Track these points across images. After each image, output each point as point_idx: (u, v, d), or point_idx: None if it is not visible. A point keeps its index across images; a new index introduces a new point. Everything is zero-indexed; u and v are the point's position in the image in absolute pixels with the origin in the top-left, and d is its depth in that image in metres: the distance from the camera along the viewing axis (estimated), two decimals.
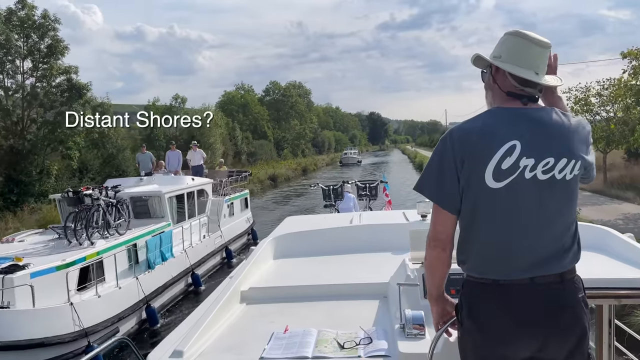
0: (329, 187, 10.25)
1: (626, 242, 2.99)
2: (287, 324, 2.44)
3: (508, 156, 1.63)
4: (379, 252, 3.61)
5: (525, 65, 1.71)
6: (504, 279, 1.66)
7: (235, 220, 16.77)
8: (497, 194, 1.65)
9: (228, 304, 2.68)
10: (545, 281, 1.65)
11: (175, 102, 38.14)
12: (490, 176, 1.63)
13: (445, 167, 1.70)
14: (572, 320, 1.66)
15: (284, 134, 65.07)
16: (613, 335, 2.81)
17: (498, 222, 1.67)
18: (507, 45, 1.75)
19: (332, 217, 6.11)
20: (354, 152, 71.09)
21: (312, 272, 3.37)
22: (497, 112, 1.73)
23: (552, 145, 1.66)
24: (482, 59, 1.81)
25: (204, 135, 37.05)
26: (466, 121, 1.76)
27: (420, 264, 2.52)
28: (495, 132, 1.66)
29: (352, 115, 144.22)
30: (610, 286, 2.33)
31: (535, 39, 1.73)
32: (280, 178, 39.81)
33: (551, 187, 1.66)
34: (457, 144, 1.68)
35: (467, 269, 1.75)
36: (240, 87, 65.47)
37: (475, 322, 1.69)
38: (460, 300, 1.77)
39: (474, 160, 1.66)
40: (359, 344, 2.21)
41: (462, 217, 1.73)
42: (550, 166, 1.65)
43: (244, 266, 3.23)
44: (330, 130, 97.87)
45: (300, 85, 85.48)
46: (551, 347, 1.64)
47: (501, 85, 1.75)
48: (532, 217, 1.66)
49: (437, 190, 1.73)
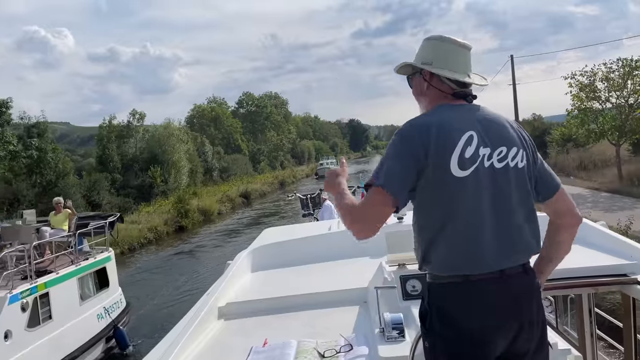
0: (306, 197, 9.94)
1: (600, 230, 3.01)
2: (266, 337, 2.38)
3: (469, 145, 1.63)
4: (357, 257, 3.55)
5: (458, 69, 1.76)
6: (476, 274, 1.61)
7: (61, 324, 8.42)
8: (463, 183, 1.61)
9: (205, 321, 2.61)
10: (513, 272, 1.64)
11: (133, 119, 34.61)
12: (456, 164, 1.60)
13: (404, 159, 1.63)
14: (537, 309, 1.67)
15: (260, 146, 61.78)
16: (594, 323, 2.90)
17: (465, 213, 1.61)
18: (436, 51, 1.78)
19: (310, 226, 5.93)
20: (330, 162, 62.41)
21: (291, 282, 3.30)
22: (448, 107, 1.73)
23: (502, 134, 1.70)
24: (409, 66, 1.86)
25: (166, 152, 33.68)
26: (419, 117, 1.74)
27: (397, 266, 2.52)
28: (453, 124, 1.65)
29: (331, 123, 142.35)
30: (587, 275, 2.38)
31: (461, 42, 1.79)
32: (254, 194, 36.42)
33: (507, 175, 1.67)
34: (417, 137, 1.63)
35: (434, 268, 1.67)
36: (212, 100, 62.56)
37: (450, 326, 1.61)
38: (427, 306, 1.67)
39: (437, 150, 1.61)
40: (339, 351, 2.18)
41: (426, 214, 1.66)
42: (503, 155, 1.67)
43: (220, 281, 3.14)
44: (310, 140, 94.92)
45: (276, 96, 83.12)
46: (522, 338, 1.63)
47: (441, 88, 1.77)
48: (496, 207, 1.64)
49: (394, 189, 1.61)
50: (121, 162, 32.10)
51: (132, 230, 19.60)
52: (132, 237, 18.76)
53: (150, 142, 34.18)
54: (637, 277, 2.40)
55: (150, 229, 20.54)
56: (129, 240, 18.48)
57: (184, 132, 37.65)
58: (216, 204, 28.13)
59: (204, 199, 28.15)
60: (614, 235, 2.95)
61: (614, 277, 2.43)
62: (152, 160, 33.15)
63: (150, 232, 20.40)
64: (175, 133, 35.04)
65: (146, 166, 32.15)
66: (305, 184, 46.48)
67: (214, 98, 64.08)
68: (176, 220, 22.76)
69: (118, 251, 17.51)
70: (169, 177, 32.59)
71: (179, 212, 23.15)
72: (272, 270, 3.61)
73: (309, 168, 66.74)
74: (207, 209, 26.15)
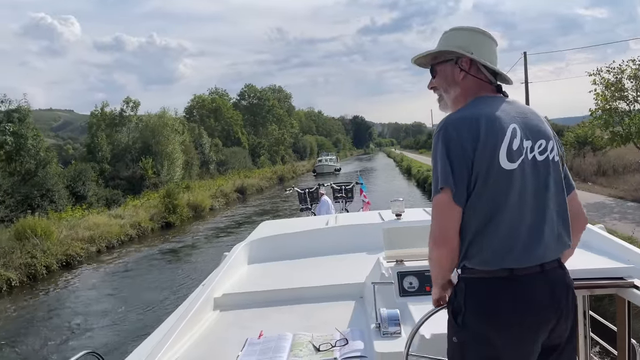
0: (304, 191, 9.77)
1: (597, 233, 3.02)
2: (262, 329, 2.40)
3: (515, 137, 1.62)
4: (354, 252, 3.56)
5: (492, 61, 1.77)
6: (521, 268, 1.59)
7: None
8: (511, 176, 1.60)
9: (201, 312, 2.61)
10: (550, 267, 1.64)
11: (127, 107, 33.09)
12: (505, 157, 1.60)
13: (454, 158, 1.60)
14: (573, 301, 1.69)
15: (261, 140, 60.19)
16: (588, 326, 2.89)
17: (512, 206, 1.60)
18: (473, 40, 1.76)
19: (307, 220, 5.52)
20: (330, 159, 58.58)
21: (288, 275, 3.31)
22: (491, 99, 1.72)
23: (539, 128, 1.70)
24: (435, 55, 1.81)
25: (159, 143, 32.17)
26: (461, 110, 1.69)
27: (394, 262, 2.56)
28: (498, 116, 1.64)
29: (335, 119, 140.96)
30: (583, 277, 2.35)
31: (494, 38, 1.80)
32: (250, 189, 34.87)
33: (548, 168, 1.67)
34: (464, 131, 1.60)
35: (477, 263, 1.62)
36: (214, 91, 61.05)
37: (489, 323, 1.57)
38: (462, 302, 1.63)
39: (485, 144, 1.59)
40: (334, 345, 2.19)
41: (478, 205, 1.61)
42: (543, 147, 1.67)
43: (217, 272, 3.12)
44: (312, 135, 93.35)
45: (280, 90, 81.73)
46: (557, 331, 1.64)
47: (480, 78, 1.76)
48: (537, 200, 1.64)
49: (454, 187, 1.60)
50: (112, 152, 30.62)
51: (113, 225, 18.12)
52: (111, 234, 17.24)
53: (143, 131, 32.68)
54: (634, 281, 2.39)
55: (133, 225, 19.00)
56: (107, 237, 16.95)
57: (179, 122, 36.01)
58: (209, 199, 26.59)
59: (196, 193, 26.63)
60: (611, 239, 2.92)
61: (610, 280, 2.44)
62: (145, 150, 31.67)
63: (133, 228, 18.85)
64: (170, 123, 33.48)
65: (139, 157, 30.68)
66: (305, 180, 44.92)
67: (216, 89, 62.65)
68: (163, 216, 21.23)
69: (94, 249, 16.09)
70: (162, 169, 31.11)
71: (166, 207, 21.63)
72: (268, 262, 3.61)
73: (310, 163, 64.88)
74: (198, 204, 24.60)
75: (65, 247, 14.58)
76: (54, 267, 13.66)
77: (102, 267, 14.71)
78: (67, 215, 19.15)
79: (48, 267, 13.46)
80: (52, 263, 13.64)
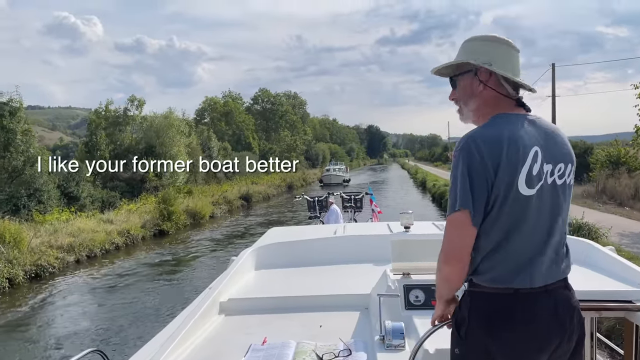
0: (314, 199, 9.84)
1: (608, 255, 2.99)
2: (266, 336, 2.38)
3: (535, 162, 1.61)
4: (361, 263, 3.55)
5: (515, 72, 1.73)
6: (526, 288, 1.60)
7: None
8: (529, 201, 1.60)
9: (206, 315, 2.61)
10: (554, 287, 1.65)
11: (132, 105, 31.69)
12: (524, 183, 1.59)
13: (475, 178, 1.59)
14: (578, 321, 1.69)
15: (272, 145, 58.66)
16: (595, 348, 2.86)
17: (526, 230, 1.62)
18: (495, 51, 1.73)
19: (316, 228, 5.71)
20: (339, 169, 54.30)
21: (293, 283, 3.31)
22: (511, 118, 1.68)
23: (562, 150, 1.69)
24: (455, 66, 1.78)
25: (164, 144, 30.69)
26: (483, 127, 1.66)
27: (401, 275, 2.53)
28: (521, 137, 1.61)
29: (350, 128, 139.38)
30: (592, 298, 2.32)
31: (516, 46, 1.76)
32: (256, 197, 33.24)
33: (565, 192, 1.69)
34: (486, 151, 1.58)
35: (484, 280, 1.63)
36: (228, 95, 59.92)
37: (490, 336, 1.59)
38: (466, 314, 1.65)
39: (507, 167, 1.58)
40: (337, 355, 2.17)
41: (491, 229, 1.62)
42: (562, 171, 1.68)
43: (223, 277, 3.09)
44: (326, 143, 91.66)
45: (295, 96, 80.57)
46: (559, 352, 1.64)
47: (499, 90, 1.72)
48: (552, 223, 1.65)
49: (473, 210, 1.60)
50: (113, 152, 29.18)
51: (99, 232, 16.54)
52: (94, 242, 15.64)
53: (147, 132, 31.25)
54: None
55: (122, 232, 17.39)
56: (89, 245, 15.35)
57: (185, 123, 34.54)
58: (209, 206, 24.99)
59: (197, 199, 25.05)
60: (621, 261, 2.85)
61: (619, 303, 2.37)
62: (149, 152, 30.21)
63: (121, 236, 17.24)
64: (176, 124, 32.01)
65: (141, 158, 29.22)
66: (315, 189, 43.20)
67: (230, 92, 61.48)
68: (156, 223, 19.61)
69: (72, 259, 14.50)
70: (165, 172, 29.61)
71: (161, 214, 20.03)
72: (275, 269, 3.57)
73: (321, 172, 63.08)
74: (198, 212, 23.00)
75: (36, 257, 12.96)
76: (19, 280, 12.02)
77: (77, 280, 13.05)
78: (52, 217, 17.64)
79: (12, 280, 11.84)
80: (18, 275, 12.02)
